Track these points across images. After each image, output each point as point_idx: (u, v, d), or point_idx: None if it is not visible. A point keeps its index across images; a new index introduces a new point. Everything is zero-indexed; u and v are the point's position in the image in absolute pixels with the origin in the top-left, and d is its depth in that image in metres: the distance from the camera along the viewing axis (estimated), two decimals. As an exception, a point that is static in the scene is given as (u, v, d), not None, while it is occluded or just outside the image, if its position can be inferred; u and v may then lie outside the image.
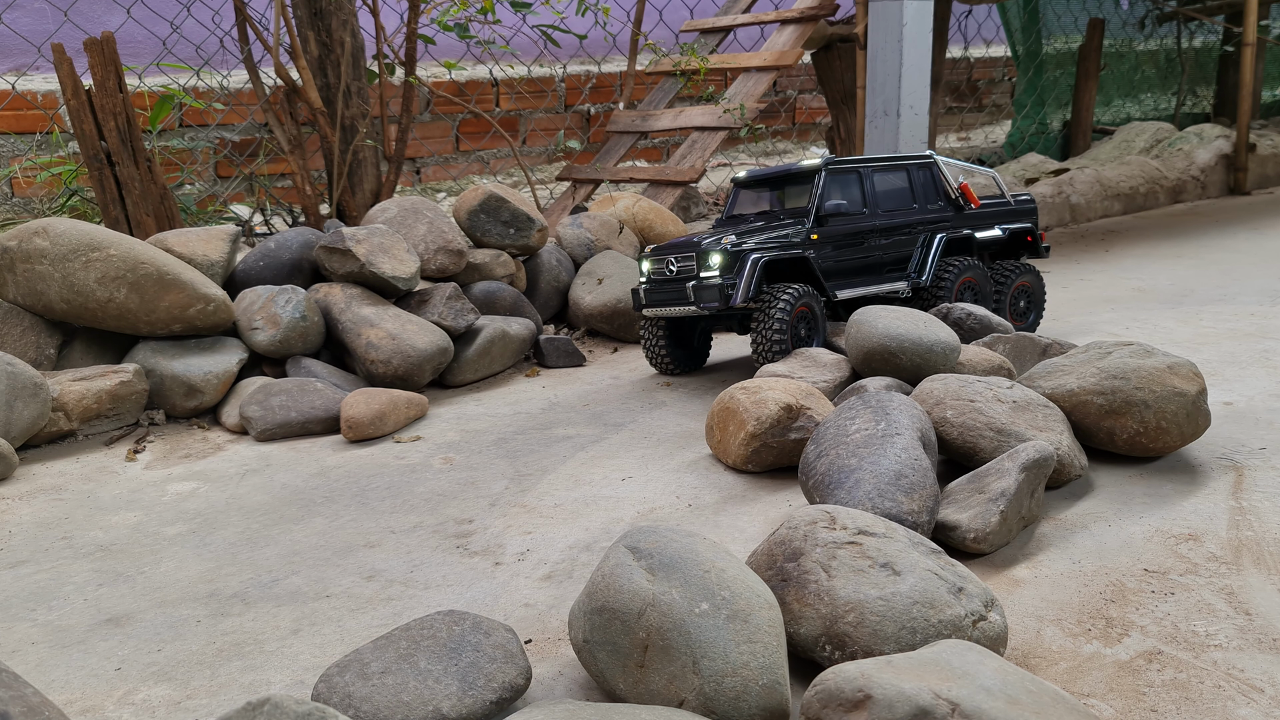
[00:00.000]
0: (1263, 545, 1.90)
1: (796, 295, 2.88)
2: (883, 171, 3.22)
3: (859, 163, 3.15)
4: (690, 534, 1.57)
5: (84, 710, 1.59)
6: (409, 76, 4.38)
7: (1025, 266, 3.38)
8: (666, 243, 3.12)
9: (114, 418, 2.88)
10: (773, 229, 2.99)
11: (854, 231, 3.11)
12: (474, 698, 1.45)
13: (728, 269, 2.84)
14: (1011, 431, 2.16)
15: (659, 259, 3.03)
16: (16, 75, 4.91)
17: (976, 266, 3.23)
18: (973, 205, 3.37)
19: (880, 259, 3.18)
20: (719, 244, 2.86)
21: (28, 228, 2.94)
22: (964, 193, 3.36)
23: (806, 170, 3.11)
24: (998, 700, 1.26)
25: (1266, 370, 2.91)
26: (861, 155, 3.32)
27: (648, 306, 3.08)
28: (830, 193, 3.07)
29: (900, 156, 3.27)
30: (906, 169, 3.27)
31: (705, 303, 2.87)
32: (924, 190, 3.30)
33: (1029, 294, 3.41)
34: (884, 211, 3.18)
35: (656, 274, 3.04)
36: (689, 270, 2.92)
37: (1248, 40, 6.19)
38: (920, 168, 3.30)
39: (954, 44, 7.63)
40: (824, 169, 3.07)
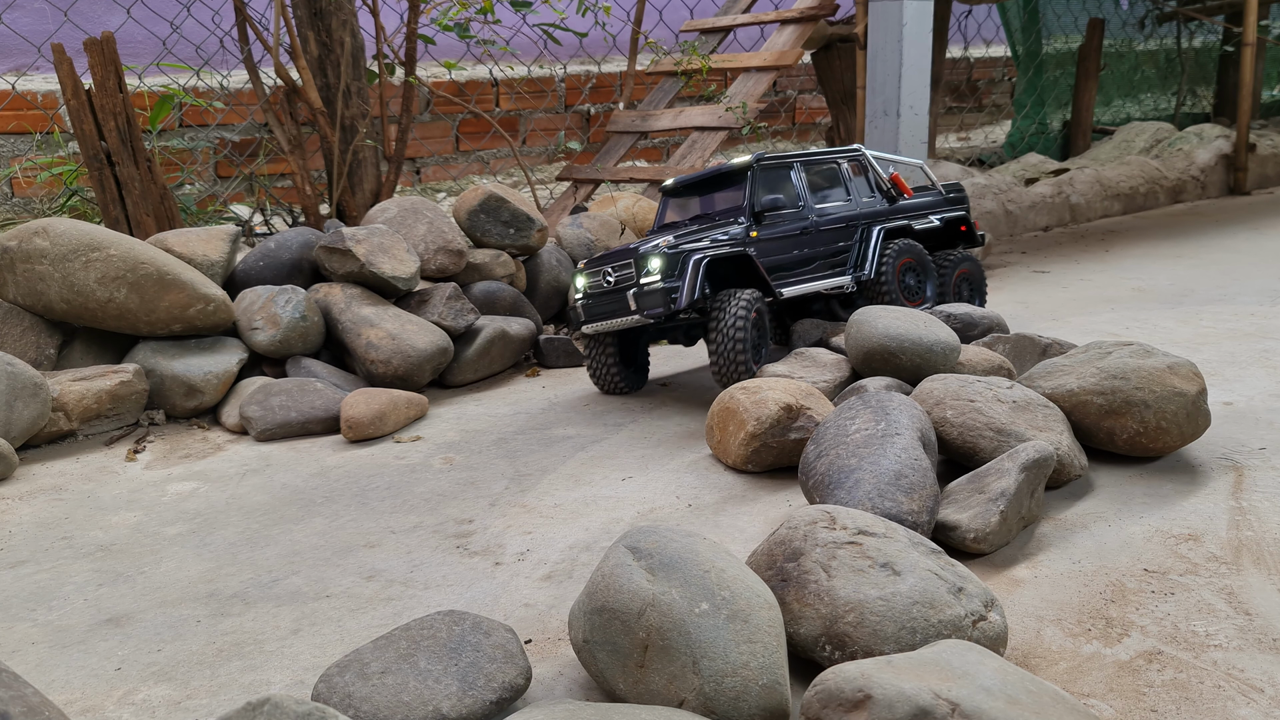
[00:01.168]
0: (1263, 545, 1.90)
1: (754, 297, 2.77)
2: (814, 166, 3.14)
3: (790, 158, 3.08)
4: (690, 534, 1.57)
5: (84, 710, 1.59)
6: (409, 76, 4.38)
7: (964, 254, 3.37)
8: (599, 255, 2.99)
9: (114, 418, 2.88)
10: (710, 230, 2.90)
11: (792, 228, 3.02)
12: (474, 698, 1.45)
13: (669, 272, 2.71)
14: (1011, 431, 2.16)
15: (594, 272, 2.90)
16: (16, 75, 4.91)
17: (913, 247, 3.18)
18: (906, 195, 3.34)
19: (820, 254, 3.10)
20: (656, 248, 2.74)
21: (28, 228, 2.94)
22: (896, 183, 3.32)
23: (737, 169, 3.02)
24: (998, 700, 1.26)
25: (1266, 370, 2.91)
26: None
27: (587, 322, 2.91)
28: (764, 189, 2.99)
29: (829, 150, 3.21)
30: (836, 162, 3.21)
31: (649, 309, 2.72)
32: (856, 183, 3.24)
33: (970, 280, 3.38)
34: (819, 207, 3.11)
35: (593, 287, 2.90)
36: (628, 278, 2.78)
37: (1247, 40, 6.19)
38: (850, 161, 3.24)
39: (954, 44, 7.63)
40: (755, 166, 2.98)
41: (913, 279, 3.18)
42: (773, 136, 7.70)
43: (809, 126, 7.90)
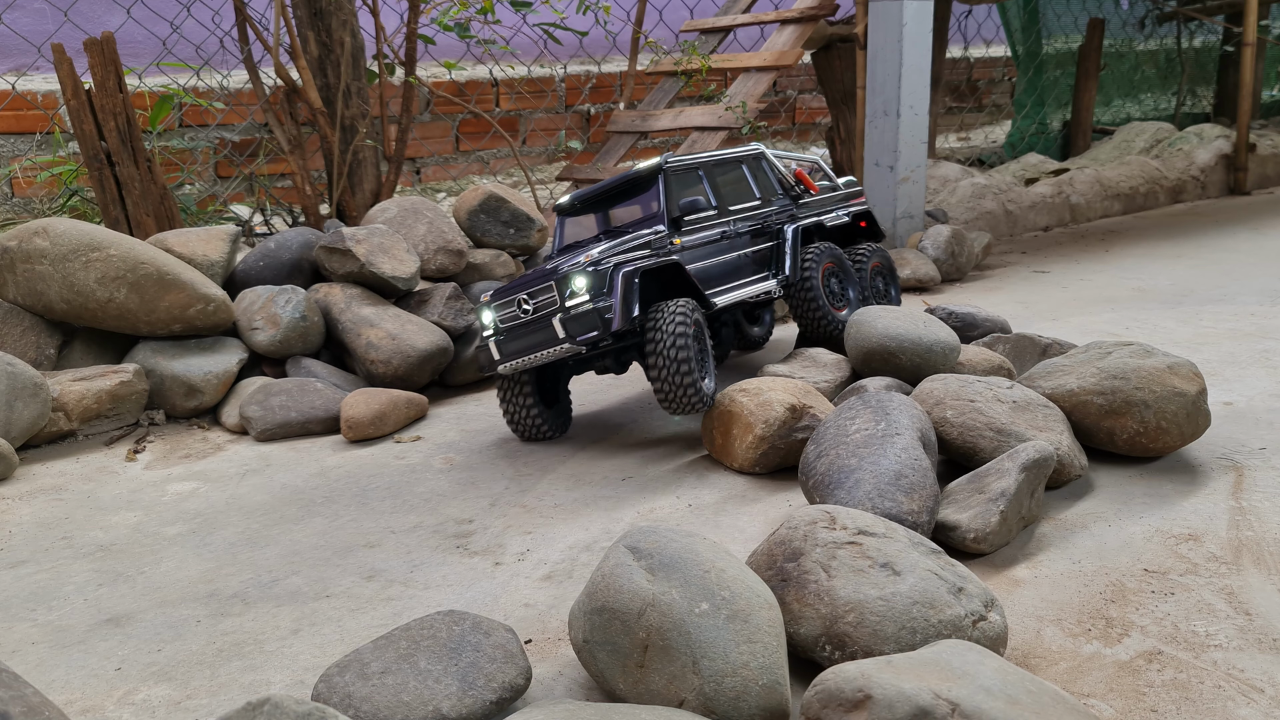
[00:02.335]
0: (1263, 545, 1.90)
1: (690, 307, 2.47)
2: (721, 168, 2.94)
3: (696, 160, 2.86)
4: (690, 534, 1.57)
5: (84, 710, 1.59)
6: (409, 76, 4.38)
7: (874, 248, 3.25)
8: (504, 285, 2.65)
9: (114, 418, 2.88)
10: (627, 242, 2.59)
11: (712, 233, 2.80)
12: (474, 698, 1.45)
13: (597, 291, 2.41)
14: (1011, 431, 2.16)
15: (505, 301, 2.55)
16: (16, 75, 4.91)
17: (833, 250, 3.02)
18: (811, 192, 3.19)
19: (743, 259, 2.89)
20: (578, 265, 2.44)
21: (28, 228, 2.94)
22: (801, 180, 3.18)
23: (646, 173, 2.77)
24: (998, 700, 1.26)
25: (1266, 370, 2.91)
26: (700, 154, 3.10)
27: (505, 361, 2.55)
28: (677, 193, 2.75)
29: (733, 151, 3.02)
30: (741, 163, 3.02)
31: (581, 335, 2.41)
32: (763, 183, 3.06)
33: (884, 273, 3.27)
34: (733, 209, 2.90)
35: (508, 320, 2.55)
36: (550, 304, 2.46)
37: (1248, 40, 6.19)
38: (753, 160, 3.07)
39: (954, 44, 7.63)
40: (664, 170, 2.74)
41: (836, 284, 3.01)
42: (773, 136, 7.70)
43: (809, 126, 7.90)
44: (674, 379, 2.40)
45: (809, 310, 2.93)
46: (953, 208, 5.26)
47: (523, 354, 2.52)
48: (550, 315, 2.45)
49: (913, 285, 4.20)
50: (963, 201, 5.31)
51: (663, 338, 2.40)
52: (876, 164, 4.63)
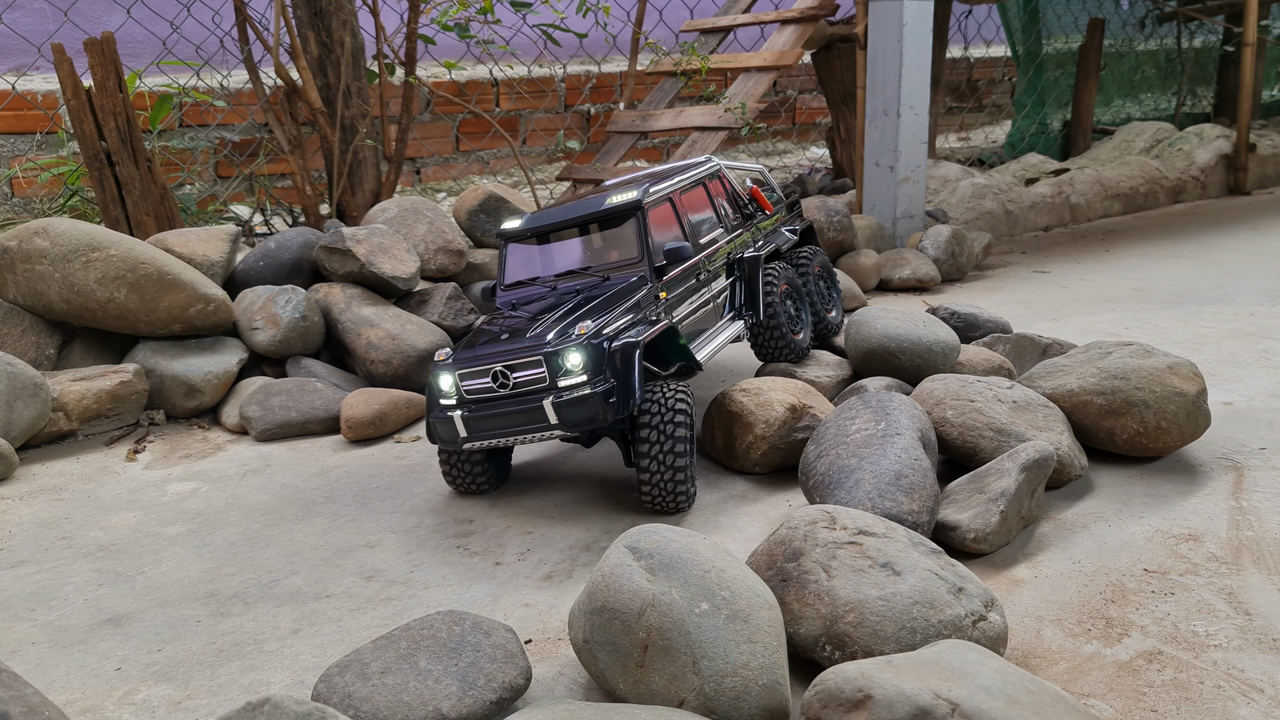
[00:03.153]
0: (1263, 545, 1.90)
1: (689, 394, 2.20)
2: (688, 193, 2.60)
3: (669, 187, 2.52)
4: (690, 534, 1.57)
5: (84, 710, 1.59)
6: (409, 76, 4.38)
7: (814, 250, 3.05)
8: (467, 344, 2.25)
9: (114, 418, 2.88)
10: (608, 300, 2.25)
11: (689, 277, 2.47)
12: (474, 698, 1.45)
13: (596, 370, 2.08)
14: (1011, 431, 2.16)
15: (473, 368, 2.16)
16: (16, 75, 4.91)
17: (785, 269, 2.75)
18: (766, 212, 2.91)
19: (712, 301, 2.57)
20: (573, 337, 2.09)
21: (28, 228, 2.94)
22: (756, 199, 2.91)
23: (621, 209, 2.38)
24: (998, 700, 1.26)
25: (1266, 370, 2.91)
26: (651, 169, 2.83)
27: (474, 440, 2.17)
28: (657, 234, 2.40)
29: (696, 172, 2.68)
30: (703, 184, 2.68)
31: (581, 423, 2.07)
32: (724, 206, 2.75)
33: (824, 276, 3.09)
34: (703, 243, 2.57)
35: (478, 391, 2.16)
36: (537, 381, 2.10)
37: (1248, 40, 6.19)
38: (712, 179, 2.75)
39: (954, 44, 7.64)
40: (643, 206, 2.38)
41: (791, 307, 2.76)
42: (772, 136, 7.70)
43: (809, 126, 7.90)
44: (667, 484, 2.13)
45: (772, 343, 2.70)
46: (953, 208, 5.26)
47: (499, 435, 2.15)
48: (539, 395, 2.10)
49: (913, 285, 4.20)
50: (963, 201, 5.31)
51: (659, 436, 2.11)
52: (877, 164, 4.63)
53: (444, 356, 2.21)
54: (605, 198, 2.41)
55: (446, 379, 2.19)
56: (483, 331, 2.28)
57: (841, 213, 4.26)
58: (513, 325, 2.24)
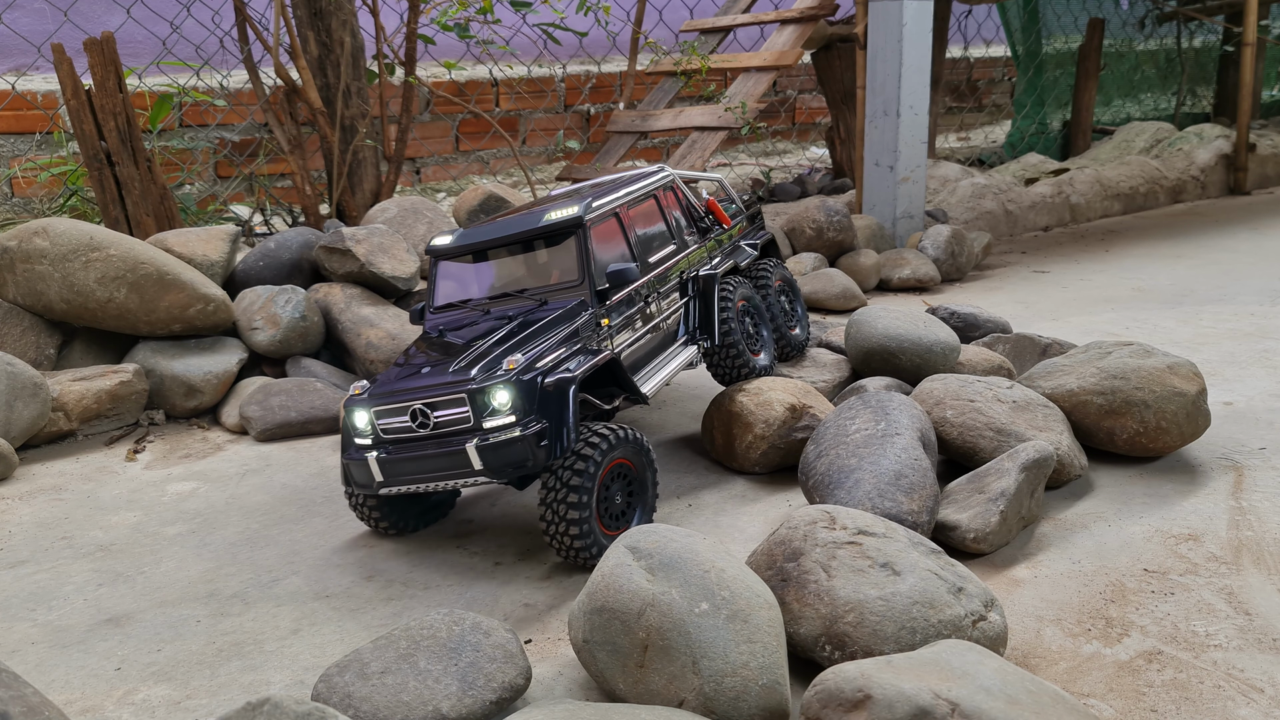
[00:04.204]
0: (1263, 545, 1.90)
1: (611, 442, 1.93)
2: (637, 206, 2.39)
3: (614, 201, 2.29)
4: (690, 534, 1.57)
5: (84, 710, 1.59)
6: (409, 76, 4.38)
7: (775, 263, 2.86)
8: (385, 379, 2.04)
9: (114, 418, 2.88)
10: (543, 328, 2.05)
11: (635, 298, 2.26)
12: (474, 698, 1.45)
13: (525, 408, 1.87)
14: (1011, 431, 2.16)
15: (390, 405, 1.96)
16: (16, 75, 4.91)
17: (741, 284, 2.55)
18: (724, 226, 2.72)
19: (662, 325, 2.36)
20: (501, 372, 1.89)
21: (28, 228, 2.94)
22: (713, 211, 2.71)
23: (559, 226, 2.16)
24: (997, 700, 1.26)
25: (1266, 370, 2.91)
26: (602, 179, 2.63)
27: (391, 485, 1.97)
28: (600, 253, 2.19)
29: (646, 183, 2.47)
30: (653, 195, 2.47)
31: (508, 468, 1.87)
32: (677, 220, 2.55)
33: (786, 290, 2.90)
34: (652, 262, 2.36)
35: (395, 430, 1.96)
36: (460, 421, 1.90)
37: (1247, 40, 6.19)
38: (664, 190, 2.54)
39: (954, 44, 7.64)
40: (585, 224, 2.16)
41: (750, 325, 2.57)
42: (772, 136, 7.70)
43: (809, 126, 7.90)
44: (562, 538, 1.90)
45: (730, 365, 2.49)
46: (953, 208, 5.26)
47: (418, 480, 1.94)
48: (461, 437, 1.89)
49: (913, 285, 4.21)
50: (963, 201, 5.31)
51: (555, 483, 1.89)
52: (876, 164, 4.63)
53: (360, 390, 2.01)
54: (544, 213, 2.19)
55: (361, 416, 1.99)
56: (405, 362, 2.08)
57: (841, 213, 4.26)
58: (436, 356, 2.04)
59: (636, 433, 2.00)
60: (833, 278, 3.95)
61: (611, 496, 1.97)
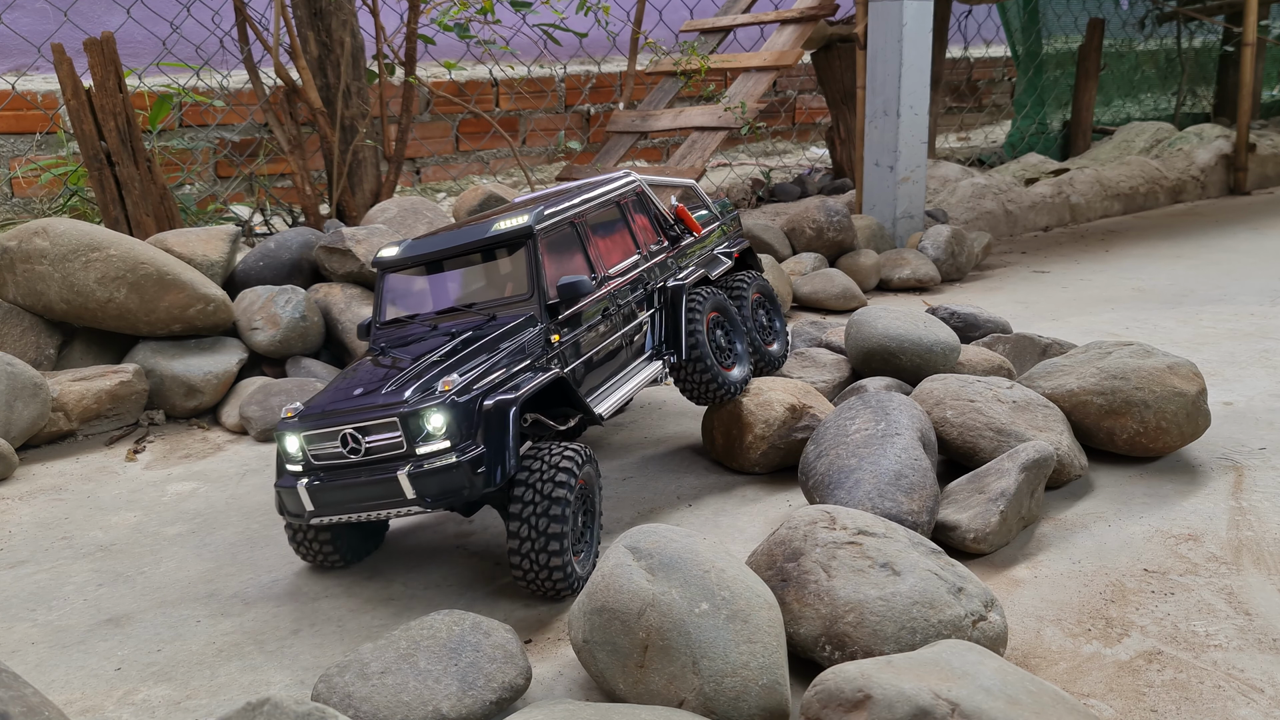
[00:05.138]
0: (1263, 545, 1.90)
1: (579, 454, 1.86)
2: (598, 215, 2.27)
3: (571, 209, 2.18)
4: (690, 534, 1.57)
5: (84, 710, 1.59)
6: (409, 76, 4.38)
7: (753, 276, 2.70)
8: (320, 400, 1.91)
9: (114, 418, 2.88)
10: (486, 346, 1.93)
11: (593, 314, 2.14)
12: (474, 698, 1.45)
13: (462, 432, 1.76)
14: (1011, 431, 2.16)
15: (320, 429, 1.83)
16: (16, 75, 4.91)
17: (716, 298, 2.43)
18: (695, 234, 2.59)
19: (622, 341, 2.24)
20: (435, 394, 1.78)
21: (28, 228, 2.94)
22: (683, 219, 2.57)
23: (508, 236, 2.05)
24: (998, 700, 1.26)
25: (1266, 370, 2.91)
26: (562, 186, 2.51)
27: (322, 514, 1.85)
28: (553, 266, 2.08)
29: (609, 190, 2.34)
30: (619, 204, 2.36)
31: (443, 496, 1.76)
32: (643, 229, 2.42)
33: (764, 304, 2.72)
34: (612, 273, 2.24)
35: (325, 455, 1.84)
36: (392, 447, 1.78)
37: (1248, 40, 6.19)
38: (629, 197, 2.42)
39: (954, 44, 7.64)
40: (535, 235, 2.04)
41: (722, 337, 2.46)
42: (772, 136, 7.70)
43: (809, 126, 7.90)
44: (539, 568, 1.79)
45: (699, 381, 2.35)
46: (953, 208, 5.26)
47: (349, 509, 1.83)
48: (393, 464, 1.78)
49: (913, 285, 4.21)
50: (963, 201, 5.31)
51: (533, 506, 1.79)
52: (876, 164, 4.63)
53: (292, 413, 1.88)
54: (493, 222, 2.09)
55: (292, 441, 1.86)
56: (341, 382, 1.96)
57: (841, 213, 4.26)
58: (373, 376, 1.92)
59: (589, 451, 1.90)
60: (833, 278, 3.95)
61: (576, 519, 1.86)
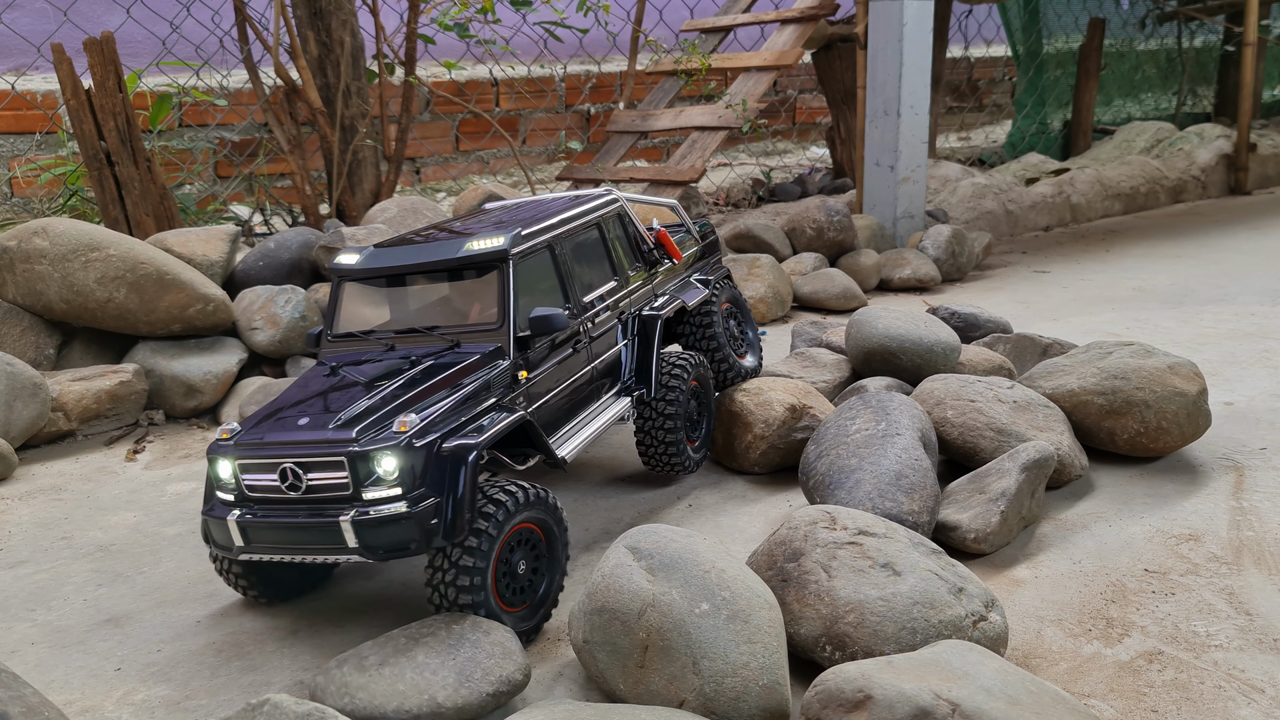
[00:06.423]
0: (1263, 545, 1.90)
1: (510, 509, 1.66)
2: (575, 238, 2.11)
3: (548, 231, 2.01)
4: (690, 534, 1.57)
5: (83, 710, 1.59)
6: (409, 76, 4.38)
7: (722, 283, 2.56)
8: (260, 423, 1.72)
9: (113, 418, 2.88)
10: (449, 379, 1.76)
11: (564, 345, 1.99)
12: (470, 689, 1.46)
13: (415, 479, 1.60)
14: (1012, 431, 2.15)
15: (257, 458, 1.66)
16: (16, 75, 4.91)
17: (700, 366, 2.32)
18: (675, 260, 2.44)
19: (591, 375, 2.08)
20: (390, 435, 1.61)
21: (27, 228, 2.94)
22: (664, 245, 2.42)
23: (480, 259, 1.88)
24: (998, 701, 1.25)
25: (1267, 370, 2.91)
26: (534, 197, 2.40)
27: (251, 549, 1.67)
28: (525, 293, 1.91)
29: (590, 210, 2.19)
30: (598, 225, 2.20)
31: (389, 549, 1.59)
32: (621, 252, 2.27)
33: (735, 314, 2.58)
34: (586, 299, 2.09)
35: (261, 488, 1.66)
36: (337, 488, 1.61)
37: (1248, 40, 6.19)
38: (611, 219, 2.26)
39: (954, 44, 7.63)
40: (510, 259, 1.87)
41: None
42: (773, 136, 7.70)
43: (809, 126, 7.90)
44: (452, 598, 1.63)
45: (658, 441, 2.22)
46: (953, 207, 5.26)
47: (283, 550, 1.65)
48: (337, 506, 1.61)
49: (913, 285, 4.20)
50: (963, 201, 5.31)
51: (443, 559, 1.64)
52: (877, 164, 4.63)
53: (228, 434, 1.71)
54: (465, 241, 1.91)
55: (225, 467, 1.69)
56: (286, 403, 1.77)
57: (842, 213, 4.26)
58: (321, 400, 1.74)
59: (544, 491, 1.74)
60: (833, 278, 3.95)
61: (514, 567, 1.69)
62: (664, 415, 2.20)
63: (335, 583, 1.97)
